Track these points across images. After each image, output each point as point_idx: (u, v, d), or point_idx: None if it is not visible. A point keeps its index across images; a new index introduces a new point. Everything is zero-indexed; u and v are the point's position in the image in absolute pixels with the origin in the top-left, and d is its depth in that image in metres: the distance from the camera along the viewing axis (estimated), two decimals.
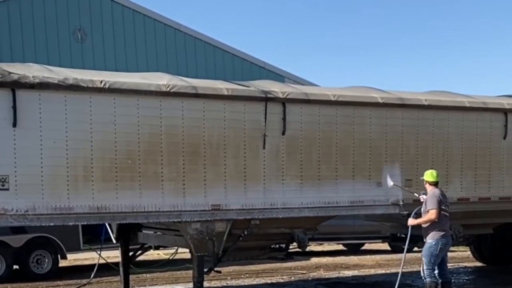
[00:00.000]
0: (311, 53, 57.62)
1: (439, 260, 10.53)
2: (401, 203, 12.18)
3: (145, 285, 13.34)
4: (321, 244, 20.17)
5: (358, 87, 12.52)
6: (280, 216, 11.16)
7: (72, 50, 20.07)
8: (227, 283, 13.59)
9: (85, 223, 10.43)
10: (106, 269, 13.79)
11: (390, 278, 14.37)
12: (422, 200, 10.87)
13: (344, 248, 20.57)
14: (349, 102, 11.60)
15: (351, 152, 11.68)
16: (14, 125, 9.15)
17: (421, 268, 10.57)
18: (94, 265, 12.85)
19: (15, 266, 14.26)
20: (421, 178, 10.87)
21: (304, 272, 15.31)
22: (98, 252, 12.89)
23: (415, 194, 11.29)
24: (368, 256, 18.66)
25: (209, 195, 10.55)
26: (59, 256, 14.56)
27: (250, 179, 10.83)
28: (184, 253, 13.19)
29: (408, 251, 19.04)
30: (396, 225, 15.25)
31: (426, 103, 12.36)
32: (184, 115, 10.29)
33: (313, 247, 19.81)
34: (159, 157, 10.14)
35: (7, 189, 9.17)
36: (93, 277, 12.95)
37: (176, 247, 12.59)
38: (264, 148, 10.91)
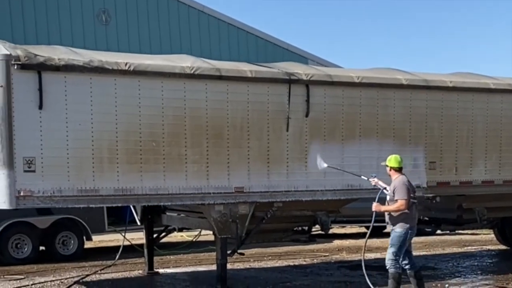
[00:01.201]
0: (335, 35, 57.35)
1: (404, 250, 9.87)
2: (425, 185, 12.15)
3: (168, 267, 13.44)
4: (343, 226, 20.15)
5: (382, 69, 12.47)
6: (303, 199, 11.18)
7: (96, 33, 20.14)
8: (250, 265, 13.65)
9: (110, 205, 10.61)
10: (130, 250, 13.90)
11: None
12: (373, 183, 10.16)
13: (366, 231, 20.51)
14: (373, 84, 11.55)
15: (375, 134, 11.64)
16: (40, 107, 9.22)
17: (386, 257, 9.85)
18: (118, 246, 13.01)
19: (42, 247, 14.43)
20: (383, 163, 10.01)
21: (327, 254, 15.33)
22: (123, 234, 13.05)
23: (363, 176, 10.40)
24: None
25: (232, 178, 10.58)
26: (84, 237, 14.69)
27: (273, 162, 10.84)
28: (207, 235, 13.29)
29: (431, 234, 19.30)
30: (419, 208, 15.21)
31: (450, 84, 12.28)
32: (208, 97, 10.32)
33: (335, 229, 19.79)
34: (183, 140, 10.18)
35: (34, 171, 9.26)
36: (118, 259, 13.09)
37: (200, 229, 12.68)
38: (287, 130, 10.92)
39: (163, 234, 12.93)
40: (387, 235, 19.77)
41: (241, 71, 10.62)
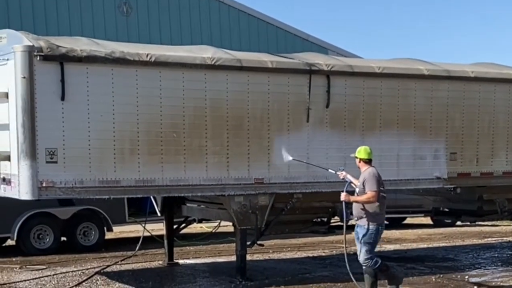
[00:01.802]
0: (355, 25, 57.11)
1: (376, 246, 9.67)
2: (445, 176, 12.10)
3: (188, 258, 13.48)
4: None
5: (403, 59, 12.42)
6: (323, 190, 11.17)
7: (117, 24, 20.17)
8: (269, 256, 13.67)
9: (131, 196, 10.60)
10: (150, 241, 13.96)
11: (432, 253, 14.33)
12: (341, 177, 9.83)
13: (385, 222, 20.45)
14: (394, 74, 11.51)
15: (396, 125, 11.60)
16: (62, 98, 9.24)
17: (361, 257, 9.46)
18: (139, 237, 13.07)
19: (63, 238, 14.51)
20: (352, 155, 9.73)
21: (346, 246, 15.27)
22: (143, 225, 13.10)
23: (330, 170, 10.11)
24: (410, 230, 18.59)
25: (252, 169, 10.59)
26: (105, 228, 14.74)
27: (293, 153, 10.83)
28: (227, 226, 13.32)
29: (451, 225, 19.22)
30: (439, 199, 15.15)
31: (472, 75, 12.21)
32: (229, 88, 10.31)
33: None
34: (204, 131, 10.20)
35: (56, 162, 9.30)
36: (138, 249, 13.15)
37: (219, 220, 12.69)
38: (307, 121, 10.90)
39: (183, 225, 12.97)
40: (406, 226, 19.87)
41: (262, 62, 10.61)
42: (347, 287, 10.61)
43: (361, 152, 9.57)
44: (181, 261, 12.97)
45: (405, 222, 20.54)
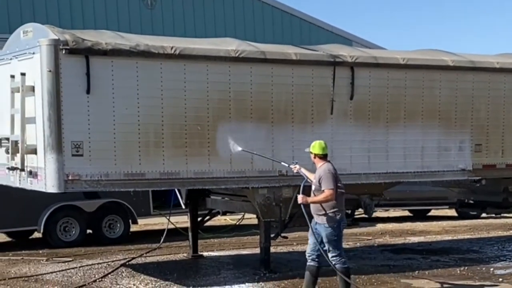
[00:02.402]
0: (380, 15, 56.75)
1: (342, 241, 9.17)
2: (470, 168, 12.02)
3: (212, 250, 13.53)
4: (387, 210, 20.07)
5: (427, 50, 12.34)
6: (347, 183, 11.12)
7: (142, 17, 20.26)
8: (293, 249, 13.67)
9: (156, 189, 10.68)
10: (175, 234, 14.01)
11: (457, 245, 14.24)
12: (295, 171, 9.44)
13: (410, 214, 20.42)
14: (419, 66, 11.44)
15: (420, 117, 11.54)
16: (88, 92, 9.28)
17: (329, 256, 9.00)
18: (163, 230, 13.13)
19: (89, 231, 14.63)
20: (306, 150, 9.21)
21: (370, 238, 15.27)
22: (168, 217, 13.16)
23: (283, 163, 9.74)
24: (434, 222, 18.47)
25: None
26: (130, 221, 14.84)
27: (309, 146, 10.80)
28: (251, 218, 13.35)
29: (476, 217, 19.11)
30: (464, 191, 15.14)
31: (497, 66, 12.11)
32: (253, 80, 10.32)
33: (379, 213, 19.72)
34: (228, 123, 10.20)
35: (81, 155, 9.36)
36: (163, 242, 13.22)
37: (243, 213, 12.71)
38: (331, 113, 10.88)
39: (207, 217, 13.01)
40: (431, 218, 19.78)
41: (286, 54, 10.59)
42: (371, 279, 10.58)
43: (316, 147, 9.02)
44: (205, 254, 13.02)
45: (430, 214, 20.43)
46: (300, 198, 8.91)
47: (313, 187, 9.02)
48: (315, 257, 9.13)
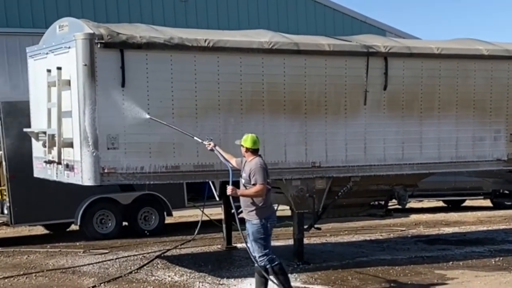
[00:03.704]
0: (413, 5, 56.18)
1: (270, 240, 8.71)
2: (505, 158, 11.91)
3: (246, 242, 13.55)
4: (421, 201, 19.92)
5: (462, 40, 12.22)
6: (380, 174, 11.11)
7: (176, 10, 20.32)
8: (326, 240, 13.67)
9: (190, 181, 10.78)
10: (209, 225, 14.10)
11: (492, 235, 14.11)
12: (208, 148, 9.04)
13: (444, 205, 20.27)
14: (453, 55, 11.35)
15: (454, 107, 11.45)
16: (123, 85, 9.34)
17: (251, 254, 8.67)
18: (197, 222, 13.20)
19: (124, 223, 14.79)
20: (236, 142, 8.82)
21: (403, 229, 15.21)
22: (202, 209, 13.23)
23: (196, 138, 9.37)
24: (469, 213, 18.32)
25: (309, 153, 10.61)
26: (165, 213, 14.96)
27: (351, 136, 10.81)
28: (284, 210, 13.34)
29: (511, 208, 18.89)
30: (499, 181, 14.99)
31: None
32: (286, 72, 10.32)
33: (412, 204, 19.57)
34: (261, 115, 10.23)
35: (117, 148, 9.44)
36: (197, 234, 13.30)
37: (277, 204, 12.72)
38: (365, 104, 10.84)
39: (241, 209, 13.02)
40: (466, 209, 19.60)
41: (319, 45, 10.57)
42: (405, 270, 10.55)
43: (248, 140, 8.57)
44: (239, 245, 13.05)
45: (464, 204, 20.25)
46: (229, 189, 8.46)
47: (242, 181, 8.62)
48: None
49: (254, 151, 8.60)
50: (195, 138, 9.42)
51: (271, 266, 8.58)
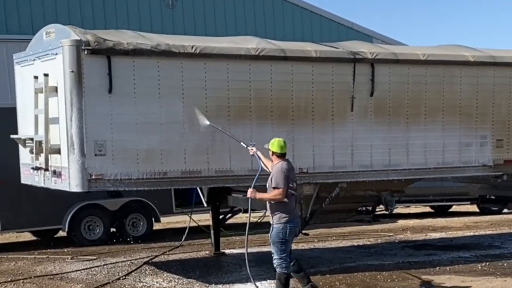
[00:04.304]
0: (400, 12, 56.46)
1: (290, 246, 9.01)
2: (491, 163, 11.98)
3: (234, 248, 13.59)
4: (408, 206, 20.04)
5: (448, 46, 12.30)
6: (367, 180, 11.15)
7: (163, 16, 20.36)
8: (314, 245, 13.71)
9: (177, 187, 10.74)
10: (197, 232, 14.12)
11: (478, 240, 14.20)
12: (251, 153, 9.37)
13: (431, 210, 20.39)
14: (439, 61, 11.41)
15: (441, 113, 11.52)
16: (110, 91, 9.34)
17: (273, 256, 8.91)
18: (186, 228, 13.23)
19: (112, 229, 14.78)
20: (265, 146, 9.05)
21: (391, 234, 15.28)
22: (190, 215, 13.26)
23: (242, 143, 9.66)
24: (456, 218, 18.43)
25: (296, 159, 10.57)
26: (153, 219, 14.98)
27: (338, 142, 10.84)
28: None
29: (498, 213, 19.03)
30: (485, 187, 15.07)
31: None
32: (273, 78, 10.34)
33: (400, 209, 19.68)
34: (248, 121, 10.25)
35: (104, 155, 9.43)
36: (185, 240, 13.33)
37: (265, 210, 12.74)
38: (352, 110, 10.88)
39: (229, 215, 13.07)
40: (452, 214, 19.68)
41: (305, 51, 10.61)
42: (393, 275, 10.60)
43: (274, 145, 8.87)
44: (227, 251, 13.10)
45: (451, 210, 20.38)
46: (249, 191, 8.80)
47: (267, 184, 8.87)
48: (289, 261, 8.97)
49: (281, 155, 8.87)
50: (241, 143, 9.69)
51: (281, 271, 8.80)
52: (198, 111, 9.93)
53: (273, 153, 8.89)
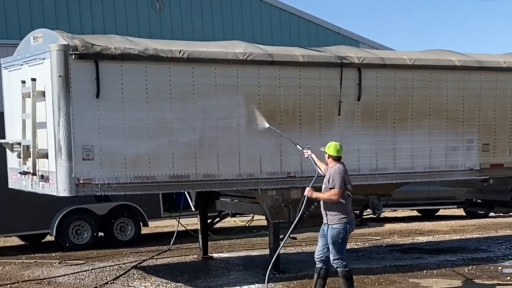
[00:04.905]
0: (387, 17, 56.71)
1: (346, 245, 9.29)
2: (478, 167, 12.06)
3: (222, 252, 13.60)
4: (395, 210, 20.10)
5: (434, 51, 12.39)
6: (355, 183, 11.17)
7: (150, 21, 20.36)
8: (302, 249, 13.74)
9: (165, 191, 10.77)
10: (185, 236, 14.12)
11: (465, 244, 14.28)
12: (306, 155, 9.64)
13: (418, 214, 20.46)
14: (426, 66, 11.49)
15: (427, 117, 11.59)
16: (98, 96, 9.35)
17: (331, 257, 9.08)
18: (174, 232, 13.23)
19: (100, 233, 14.74)
20: (321, 149, 9.33)
21: (378, 238, 15.32)
22: (178, 220, 13.26)
23: (298, 146, 9.91)
24: (442, 222, 18.51)
25: (284, 163, 10.65)
26: (141, 223, 14.94)
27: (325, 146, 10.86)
28: (260, 220, 13.41)
29: (484, 217, 19.12)
30: (472, 190, 15.11)
31: (504, 65, 12.15)
32: (260, 82, 10.38)
33: (387, 213, 19.76)
34: (236, 126, 10.27)
35: (92, 159, 9.43)
36: (173, 244, 13.33)
37: (253, 215, 12.79)
38: (339, 114, 10.93)
39: (217, 219, 13.09)
40: (439, 218, 19.76)
41: (293, 56, 10.66)
42: (380, 279, 10.65)
43: (331, 148, 9.13)
44: (215, 255, 13.10)
45: (438, 214, 20.46)
46: (307, 190, 9.16)
47: (323, 186, 9.17)
48: (324, 259, 9.18)
49: (336, 159, 9.14)
50: (297, 146, 9.92)
51: (343, 270, 9.05)
52: (258, 113, 10.25)
53: (329, 156, 9.17)
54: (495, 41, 54.76)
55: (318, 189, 9.24)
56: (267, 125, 10.29)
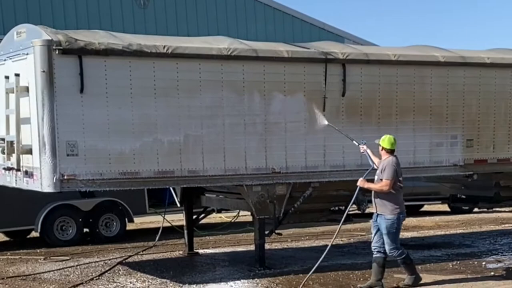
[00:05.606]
0: (371, 12, 56.84)
1: (399, 234, 9.71)
2: (462, 163, 12.12)
3: (208, 247, 13.61)
4: None
5: (418, 46, 12.42)
6: (340, 179, 11.23)
7: (135, 16, 20.32)
8: (287, 245, 13.77)
9: (150, 187, 10.75)
10: (171, 232, 14.11)
11: (449, 239, 14.37)
12: (361, 150, 10.13)
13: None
14: (410, 62, 11.53)
15: (412, 113, 11.63)
16: (81, 91, 9.34)
17: (386, 247, 9.54)
18: (159, 228, 13.22)
19: (85, 229, 14.70)
20: (376, 141, 9.79)
21: (363, 234, 15.36)
22: (163, 216, 13.25)
23: (354, 141, 10.32)
24: (427, 218, 18.61)
25: (269, 159, 10.67)
26: (126, 219, 14.92)
27: (310, 142, 10.90)
28: (245, 216, 13.43)
29: (468, 212, 19.21)
30: (456, 186, 15.16)
31: (488, 61, 12.20)
32: (245, 78, 10.39)
33: (372, 209, 19.79)
34: (221, 121, 10.28)
35: (76, 155, 9.43)
36: (159, 240, 13.33)
37: (238, 210, 12.80)
38: (324, 110, 10.95)
39: (203, 215, 13.08)
40: (424, 213, 19.82)
41: (277, 52, 10.67)
42: (365, 274, 10.68)
43: (385, 141, 9.64)
44: (201, 251, 13.11)
45: (423, 209, 20.55)
46: (360, 180, 9.66)
47: (376, 177, 9.61)
48: (381, 249, 9.61)
49: (390, 151, 9.59)
50: (353, 141, 10.31)
51: (401, 258, 9.60)
52: (317, 111, 10.59)
53: (383, 148, 9.61)
54: (480, 36, 55.03)
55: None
56: (326, 122, 10.70)
